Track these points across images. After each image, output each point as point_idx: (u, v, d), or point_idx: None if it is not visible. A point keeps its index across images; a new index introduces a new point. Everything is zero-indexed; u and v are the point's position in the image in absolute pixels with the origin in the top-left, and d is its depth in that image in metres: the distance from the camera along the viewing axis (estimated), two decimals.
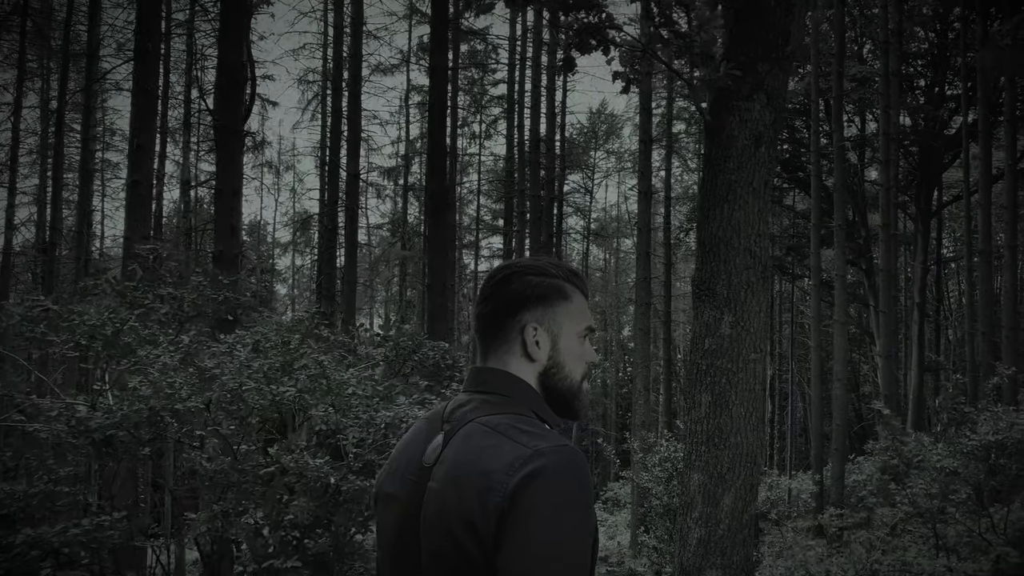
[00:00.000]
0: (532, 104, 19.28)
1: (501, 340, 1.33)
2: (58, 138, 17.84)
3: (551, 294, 1.34)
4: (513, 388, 1.30)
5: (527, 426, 1.23)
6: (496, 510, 1.15)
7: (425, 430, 1.33)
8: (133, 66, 11.79)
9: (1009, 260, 15.96)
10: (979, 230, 15.09)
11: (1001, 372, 12.71)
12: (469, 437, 1.24)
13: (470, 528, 1.16)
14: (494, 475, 1.16)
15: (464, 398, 1.32)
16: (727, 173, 3.63)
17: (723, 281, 3.62)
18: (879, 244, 17.26)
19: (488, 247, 32.02)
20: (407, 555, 1.26)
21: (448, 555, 1.19)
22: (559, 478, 1.16)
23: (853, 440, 24.22)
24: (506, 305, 1.33)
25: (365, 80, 25.04)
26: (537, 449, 1.17)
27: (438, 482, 1.23)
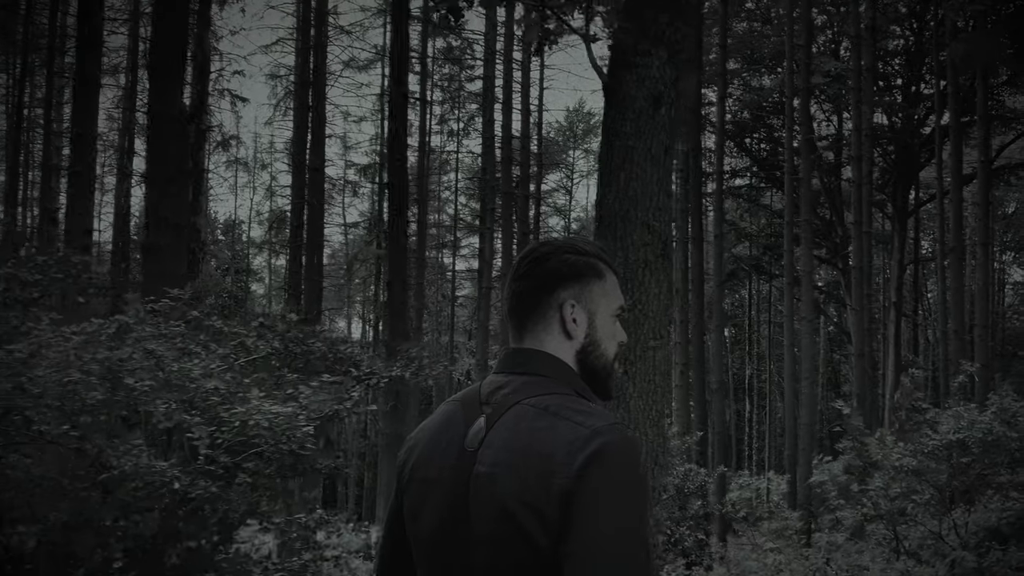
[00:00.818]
0: (504, 99, 18.85)
1: (538, 318, 1.31)
2: (19, 134, 17.29)
3: (587, 272, 1.33)
4: (552, 368, 1.29)
5: (577, 405, 1.22)
6: (560, 492, 1.14)
7: (461, 414, 1.30)
8: (76, 54, 11.30)
9: (982, 258, 15.64)
10: (950, 227, 14.75)
11: (966, 370, 12.38)
12: (519, 419, 1.22)
13: (532, 511, 1.15)
14: (555, 457, 1.16)
15: (501, 379, 1.29)
16: (623, 138, 3.21)
17: (619, 259, 3.19)
18: (852, 242, 16.92)
19: (469, 246, 31.59)
20: (454, 540, 1.23)
21: (506, 539, 1.17)
22: (621, 457, 1.16)
23: (834, 439, 23.94)
24: (543, 283, 1.31)
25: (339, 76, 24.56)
26: (595, 428, 1.17)
27: (488, 466, 1.21)
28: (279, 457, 3.41)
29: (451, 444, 1.27)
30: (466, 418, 1.28)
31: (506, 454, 1.20)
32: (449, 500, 1.24)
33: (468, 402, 1.31)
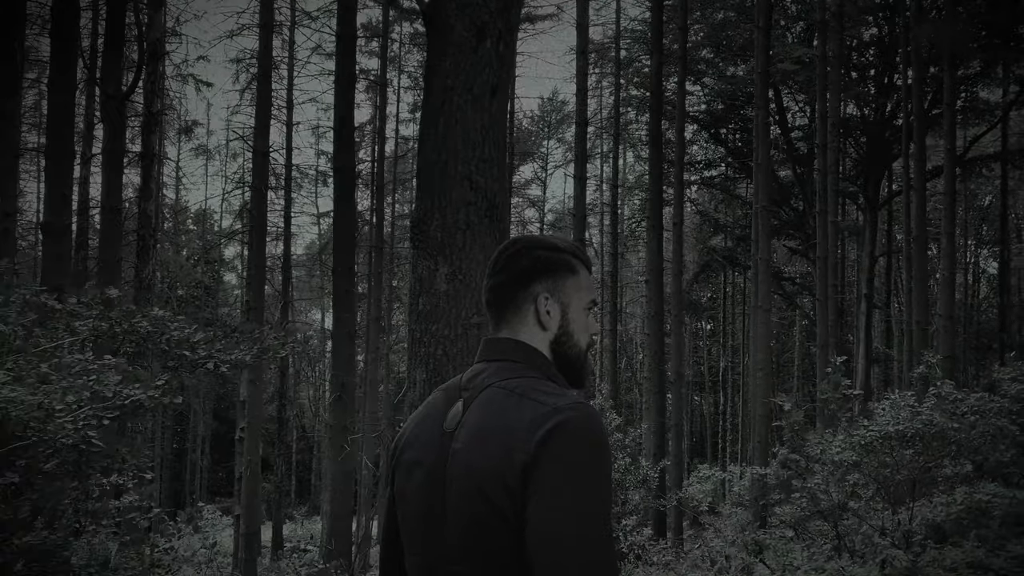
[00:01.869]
0: None
1: (513, 310, 1.38)
2: None
3: (560, 267, 1.39)
4: (526, 355, 1.35)
5: (544, 387, 1.29)
6: (521, 464, 1.20)
7: (443, 400, 1.38)
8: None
9: (947, 248, 15.22)
10: (913, 215, 14.32)
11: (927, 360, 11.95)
12: (490, 400, 1.29)
13: (498, 482, 1.21)
14: (517, 432, 1.22)
15: (480, 367, 1.37)
16: (442, 76, 2.71)
17: (437, 221, 2.69)
18: (817, 230, 16.49)
19: None
20: (436, 517, 1.29)
21: (476, 509, 1.22)
22: (580, 432, 1.20)
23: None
24: (518, 277, 1.38)
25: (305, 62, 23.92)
26: (556, 406, 1.23)
27: (461, 443, 1.28)
28: (54, 453, 2.93)
29: (433, 427, 1.35)
30: (446, 403, 1.36)
31: (477, 431, 1.27)
32: (430, 478, 1.31)
33: (450, 389, 1.39)
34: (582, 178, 17.82)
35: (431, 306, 2.72)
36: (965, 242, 32.57)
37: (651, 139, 14.28)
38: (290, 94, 22.95)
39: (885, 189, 24.81)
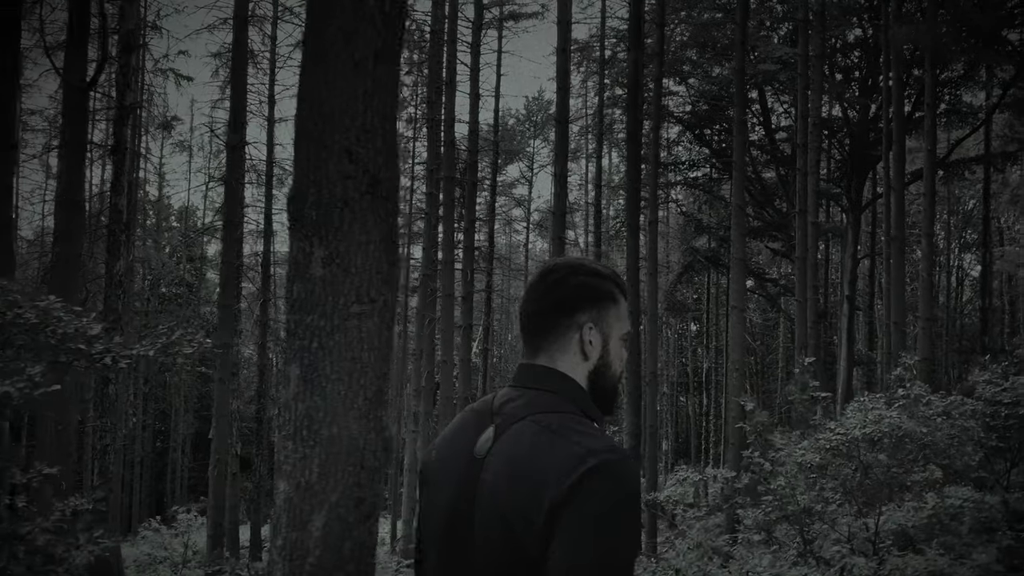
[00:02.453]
0: (448, 80, 17.99)
1: (555, 338, 1.34)
2: None
3: (604, 297, 1.36)
4: (563, 386, 1.32)
5: (579, 426, 1.25)
6: (549, 504, 1.17)
7: (473, 422, 1.35)
8: None
9: (926, 249, 15.01)
10: (892, 216, 14.10)
11: (904, 362, 11.70)
12: (521, 434, 1.26)
13: (524, 521, 1.19)
14: (549, 473, 1.19)
15: (514, 393, 1.34)
16: (317, 34, 2.42)
17: (312, 197, 2.39)
18: (796, 231, 16.25)
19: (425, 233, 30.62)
20: (458, 540, 1.29)
21: (502, 544, 1.22)
22: (614, 477, 1.18)
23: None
24: (561, 304, 1.34)
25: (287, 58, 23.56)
26: (590, 448, 1.20)
27: (491, 475, 1.26)
28: None
29: (462, 450, 1.33)
30: (477, 426, 1.33)
31: (507, 466, 1.25)
32: (455, 503, 1.30)
33: (481, 412, 1.35)
34: (563, 176, 17.53)
35: (306, 294, 2.42)
36: (948, 245, 32.48)
37: (628, 136, 14.02)
38: (272, 89, 22.61)
39: (869, 191, 24.63)
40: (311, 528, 2.40)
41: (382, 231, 2.43)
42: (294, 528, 2.42)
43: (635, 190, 13.94)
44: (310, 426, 2.41)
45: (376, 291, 2.42)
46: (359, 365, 2.42)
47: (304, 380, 2.41)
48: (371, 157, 2.38)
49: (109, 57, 13.44)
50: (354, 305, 2.38)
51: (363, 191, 2.36)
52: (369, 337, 2.43)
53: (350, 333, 2.40)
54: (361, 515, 2.45)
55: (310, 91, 2.42)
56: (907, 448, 7.41)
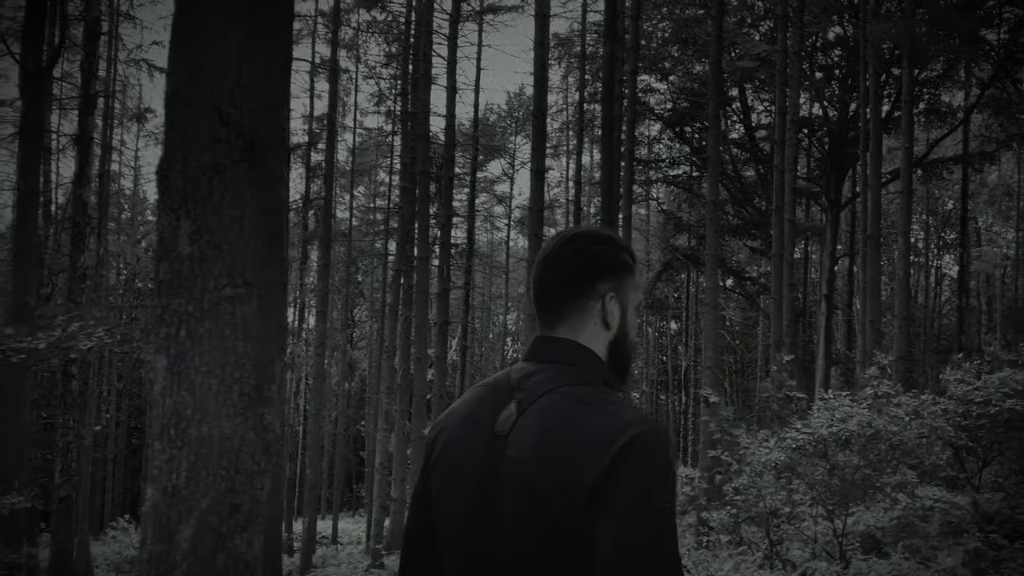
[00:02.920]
0: (423, 73, 17.66)
1: (578, 308, 1.32)
2: None
3: (623, 266, 1.35)
4: (584, 358, 1.30)
5: (610, 397, 1.24)
6: (592, 480, 1.15)
7: (491, 398, 1.31)
8: None
9: (902, 247, 14.86)
10: (869, 213, 13.93)
11: (878, 361, 11.52)
12: (551, 407, 1.23)
13: (562, 496, 1.16)
14: (588, 446, 1.17)
15: (532, 367, 1.30)
16: None
17: (179, 164, 2.10)
18: (773, 228, 16.07)
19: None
20: (486, 519, 1.25)
21: (535, 521, 1.19)
22: (652, 449, 1.17)
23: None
24: (584, 273, 1.32)
25: None
26: (628, 420, 1.19)
27: (519, 450, 1.22)
28: None
29: (481, 428, 1.29)
30: (496, 403, 1.29)
31: (538, 440, 1.21)
32: (478, 482, 1.26)
33: (499, 387, 1.31)
34: (539, 171, 17.26)
35: (173, 274, 2.12)
36: (927, 245, 32.52)
37: (603, 130, 13.76)
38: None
39: (849, 190, 24.55)
40: (179, 539, 2.11)
41: (260, 203, 2.14)
42: (160, 539, 2.12)
43: (610, 186, 13.69)
44: (178, 424, 2.11)
45: (253, 272, 2.13)
46: (233, 356, 2.13)
47: (171, 372, 2.12)
48: (246, 119, 2.08)
49: (69, 43, 13.01)
50: (227, 288, 2.09)
51: (236, 158, 2.07)
52: (245, 324, 2.14)
53: (222, 319, 2.10)
54: (237, 524, 2.16)
55: (180, 44, 2.13)
56: (877, 448, 7.19)
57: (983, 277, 32.82)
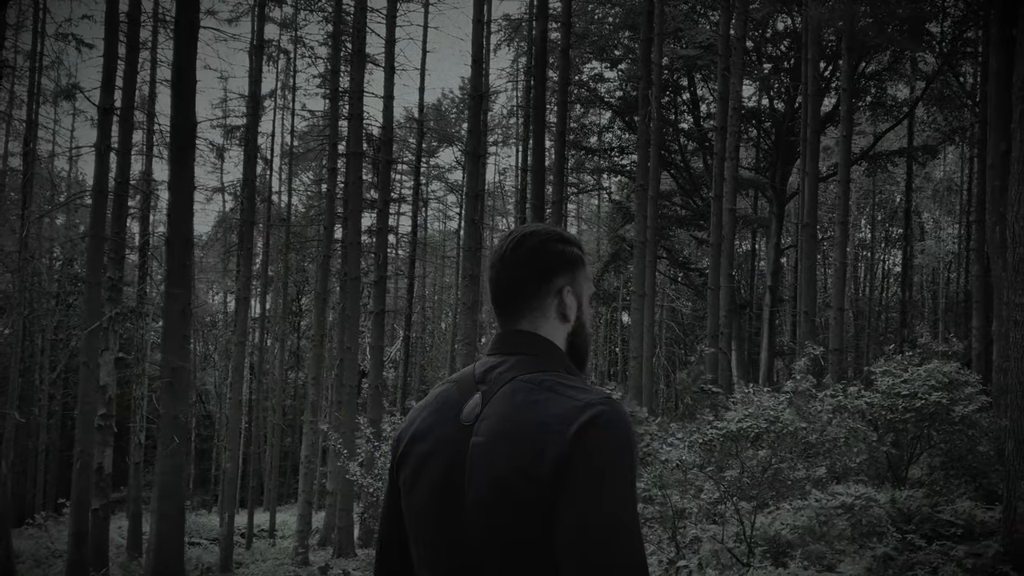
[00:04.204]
0: (357, 50, 16.82)
1: (536, 303, 1.35)
2: None
3: (576, 260, 1.40)
4: (545, 348, 1.33)
5: (570, 381, 1.26)
6: (553, 459, 1.16)
7: (456, 392, 1.34)
8: None
9: (840, 237, 14.50)
10: (804, 201, 13.51)
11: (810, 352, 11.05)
12: (513, 393, 1.26)
13: (526, 478, 1.17)
14: (550, 426, 1.19)
15: (495, 360, 1.34)
16: None
17: None
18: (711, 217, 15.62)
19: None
20: (449, 510, 1.25)
21: (501, 505, 1.19)
22: (613, 428, 1.19)
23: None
24: (541, 270, 1.36)
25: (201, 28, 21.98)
26: (587, 401, 1.21)
27: (484, 436, 1.24)
28: None
29: (447, 420, 1.30)
30: (460, 396, 1.32)
31: (502, 424, 1.23)
32: (445, 471, 1.26)
33: (463, 381, 1.34)
34: (476, 154, 16.58)
35: None
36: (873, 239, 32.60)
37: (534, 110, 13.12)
38: (154, 53, 20.98)
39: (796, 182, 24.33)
40: None
41: None
42: None
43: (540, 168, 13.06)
44: None
45: None
46: None
47: None
48: None
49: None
50: None
51: None
52: None
53: None
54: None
55: None
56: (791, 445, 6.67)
57: (929, 271, 33.03)
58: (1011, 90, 7.10)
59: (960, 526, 7.55)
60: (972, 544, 7.42)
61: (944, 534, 7.45)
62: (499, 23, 23.50)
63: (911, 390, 9.31)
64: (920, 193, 28.96)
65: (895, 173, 27.55)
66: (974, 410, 9.16)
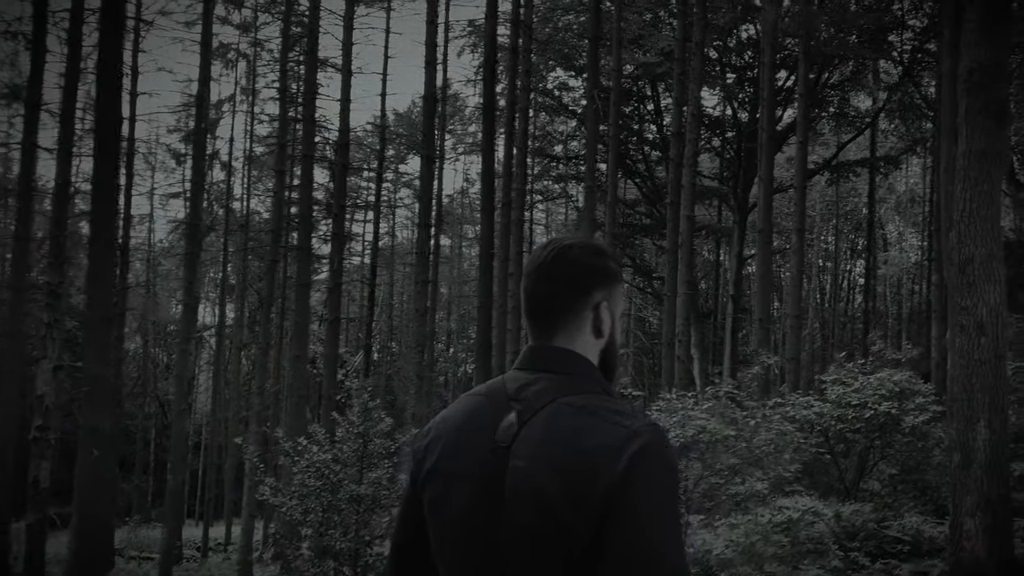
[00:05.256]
0: (308, 50, 16.25)
1: (572, 317, 1.32)
2: None
3: (614, 275, 1.37)
4: (580, 366, 1.30)
5: (613, 405, 1.24)
6: (605, 489, 1.14)
7: (488, 408, 1.29)
8: None
9: (796, 244, 14.13)
10: (760, 206, 13.14)
11: (762, 361, 10.63)
12: (556, 416, 1.22)
13: (573, 505, 1.15)
14: (598, 455, 1.16)
15: (528, 376, 1.29)
16: None
17: None
18: (668, 223, 15.21)
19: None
20: (486, 534, 1.22)
21: (545, 532, 1.17)
22: (661, 457, 1.17)
23: None
24: (578, 283, 1.32)
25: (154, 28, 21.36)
26: (635, 429, 1.19)
27: (525, 460, 1.20)
28: None
29: (479, 438, 1.26)
30: (493, 413, 1.28)
31: (545, 450, 1.19)
32: (480, 494, 1.23)
33: (494, 396, 1.30)
34: (428, 157, 16.05)
35: None
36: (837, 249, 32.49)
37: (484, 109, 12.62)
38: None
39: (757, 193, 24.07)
40: None
41: None
42: None
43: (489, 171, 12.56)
44: None
45: None
46: None
47: None
48: None
49: None
50: None
51: None
52: None
53: None
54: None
55: None
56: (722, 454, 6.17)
57: (893, 282, 32.98)
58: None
59: (907, 543, 7.10)
60: (918, 562, 6.97)
61: (890, 551, 7.00)
62: (463, 27, 23.06)
63: (861, 399, 8.88)
64: (884, 204, 28.91)
65: (858, 184, 27.43)
66: (925, 420, 8.76)
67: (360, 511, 7.19)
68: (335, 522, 7.21)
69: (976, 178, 6.06)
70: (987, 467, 5.95)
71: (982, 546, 5.84)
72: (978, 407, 6.05)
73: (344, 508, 7.23)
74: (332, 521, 7.22)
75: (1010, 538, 6.02)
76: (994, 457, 5.97)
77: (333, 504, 7.22)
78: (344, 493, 7.15)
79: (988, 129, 6.06)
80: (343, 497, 7.09)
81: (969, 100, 6.17)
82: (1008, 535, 5.96)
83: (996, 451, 6.00)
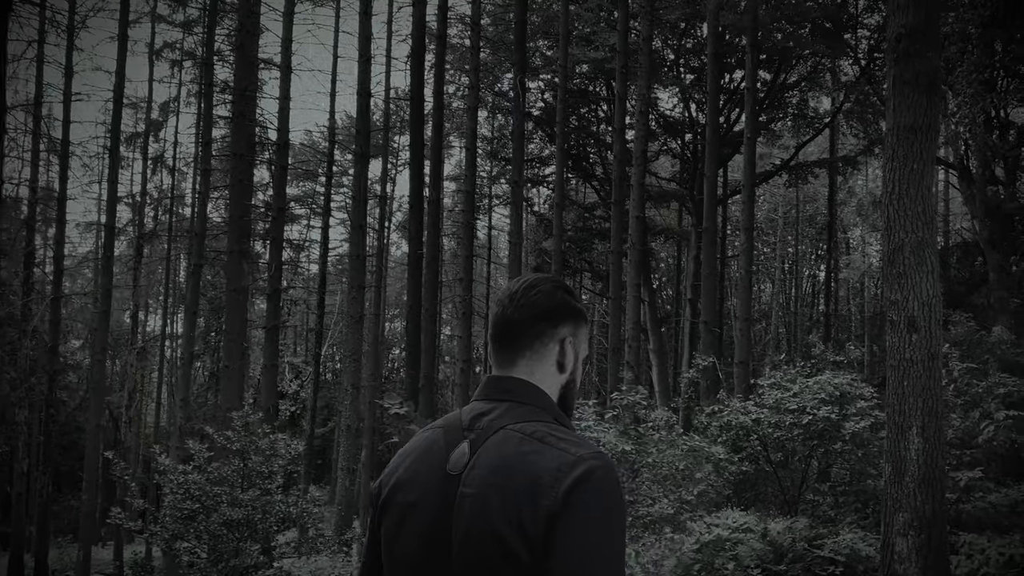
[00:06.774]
0: (239, 44, 15.37)
1: (537, 348, 1.33)
2: None
3: (580, 315, 1.38)
4: (536, 397, 1.31)
5: (561, 433, 1.24)
6: (546, 513, 1.15)
7: (442, 439, 1.29)
8: None
9: (745, 244, 13.50)
10: (705, 205, 12.47)
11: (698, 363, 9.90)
12: (504, 443, 1.22)
13: (518, 530, 1.15)
14: (542, 479, 1.16)
15: (485, 406, 1.30)
16: None
17: None
18: (611, 223, 14.52)
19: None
20: (436, 562, 1.22)
21: (490, 558, 1.17)
22: (604, 482, 1.17)
23: None
24: (548, 315, 1.33)
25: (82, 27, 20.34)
26: (579, 455, 1.19)
27: (474, 487, 1.20)
28: None
29: (432, 468, 1.26)
30: (447, 443, 1.28)
31: (493, 476, 1.19)
32: (430, 522, 1.23)
33: (449, 428, 1.30)
34: (362, 155, 15.21)
35: None
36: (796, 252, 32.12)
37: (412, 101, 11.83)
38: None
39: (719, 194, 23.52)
40: None
41: None
42: None
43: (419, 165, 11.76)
44: None
45: None
46: None
47: None
48: None
49: None
50: None
51: None
52: None
53: None
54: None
55: None
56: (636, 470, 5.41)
57: (854, 284, 32.67)
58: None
59: (840, 563, 6.39)
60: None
61: (820, 574, 6.30)
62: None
63: (799, 404, 8.21)
64: (844, 207, 28.57)
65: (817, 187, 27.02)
66: (866, 427, 8.10)
67: (236, 538, 6.33)
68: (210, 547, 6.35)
69: (905, 156, 5.40)
70: (921, 480, 5.26)
71: (915, 570, 5.14)
72: (910, 412, 5.36)
73: (222, 534, 6.37)
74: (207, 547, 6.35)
75: (946, 560, 5.32)
76: (928, 469, 5.29)
77: (208, 529, 6.36)
78: (218, 517, 6.29)
79: (917, 102, 5.41)
80: (216, 521, 6.23)
81: (897, 69, 5.52)
82: (943, 557, 5.27)
83: (931, 462, 5.31)
